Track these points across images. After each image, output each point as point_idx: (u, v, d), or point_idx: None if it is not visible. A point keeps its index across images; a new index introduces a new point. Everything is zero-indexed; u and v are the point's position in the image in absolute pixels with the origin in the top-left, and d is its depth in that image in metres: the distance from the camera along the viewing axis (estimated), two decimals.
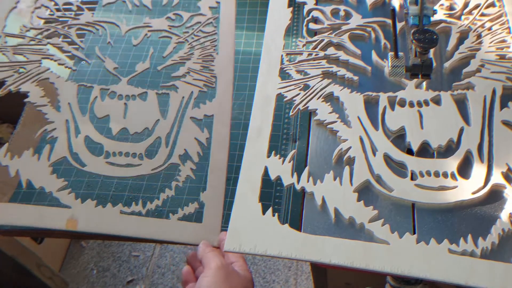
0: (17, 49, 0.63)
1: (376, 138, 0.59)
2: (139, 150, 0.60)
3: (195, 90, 0.65)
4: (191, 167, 0.60)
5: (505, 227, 0.50)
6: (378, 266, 0.49)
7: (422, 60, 0.56)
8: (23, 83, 0.61)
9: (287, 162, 0.58)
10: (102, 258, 1.34)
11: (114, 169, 0.58)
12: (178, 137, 0.61)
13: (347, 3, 0.75)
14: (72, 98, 0.62)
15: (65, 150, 0.58)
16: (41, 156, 0.57)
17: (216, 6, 0.73)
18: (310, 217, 0.55)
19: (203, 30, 0.71)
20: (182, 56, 0.68)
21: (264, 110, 0.63)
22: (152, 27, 0.71)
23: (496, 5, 0.70)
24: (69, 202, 0.54)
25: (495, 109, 0.59)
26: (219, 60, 0.67)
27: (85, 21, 0.70)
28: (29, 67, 0.62)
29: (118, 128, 0.61)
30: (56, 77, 0.63)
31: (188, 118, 0.62)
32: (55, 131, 0.59)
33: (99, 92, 0.63)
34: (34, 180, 0.55)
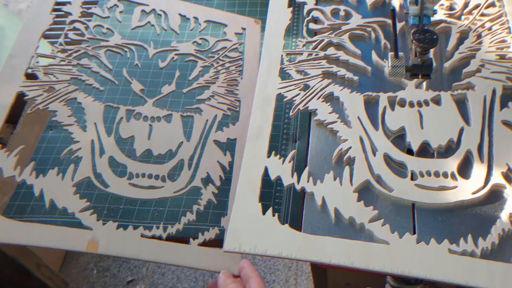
0: (47, 69, 0.64)
1: (376, 138, 0.59)
2: (162, 172, 0.60)
3: (219, 114, 0.66)
4: (213, 191, 0.60)
5: (505, 227, 0.50)
6: (378, 266, 0.49)
7: (422, 60, 0.56)
8: (51, 102, 0.62)
9: (287, 162, 0.58)
10: (102, 258, 1.34)
11: (136, 191, 0.58)
12: (201, 160, 0.61)
13: (347, 3, 0.75)
14: (98, 118, 0.63)
15: (89, 170, 0.59)
16: (65, 176, 0.57)
17: (242, 32, 0.75)
18: (310, 217, 0.55)
19: (228, 55, 0.72)
20: (207, 80, 0.69)
21: (264, 110, 0.63)
22: (179, 51, 0.73)
23: (496, 5, 0.70)
24: (91, 223, 0.55)
25: (495, 109, 0.59)
26: (243, 84, 0.68)
27: (114, 43, 0.71)
28: (58, 86, 0.63)
29: (143, 149, 0.62)
30: (83, 97, 0.64)
31: (211, 141, 0.63)
32: (80, 150, 0.60)
33: (125, 113, 0.64)
34: (57, 200, 0.55)
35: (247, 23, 0.76)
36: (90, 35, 0.71)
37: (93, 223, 0.55)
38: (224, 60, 0.71)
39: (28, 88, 0.63)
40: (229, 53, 0.73)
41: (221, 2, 0.94)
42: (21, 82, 0.62)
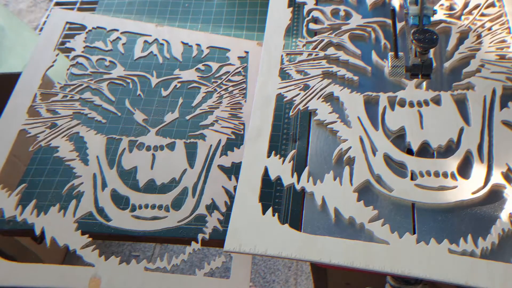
0: (50, 105, 0.64)
1: (376, 138, 0.59)
2: (165, 201, 0.60)
3: (223, 138, 0.65)
4: (218, 217, 0.59)
5: (505, 227, 0.50)
6: (378, 266, 0.49)
7: (422, 60, 0.56)
8: (54, 139, 0.62)
9: (287, 162, 0.58)
10: None
11: (139, 223, 0.58)
12: (205, 186, 0.61)
13: (347, 3, 0.75)
14: (100, 151, 0.62)
15: (91, 205, 0.58)
16: (67, 213, 0.57)
17: (245, 56, 0.74)
18: (310, 217, 0.55)
19: (231, 79, 0.71)
20: (211, 105, 0.68)
21: (264, 110, 0.63)
22: (182, 79, 0.72)
23: (496, 5, 0.70)
24: (92, 260, 0.54)
25: (495, 109, 0.59)
26: (247, 107, 0.67)
27: (117, 75, 0.71)
28: (60, 122, 0.63)
29: (145, 179, 0.61)
30: (86, 131, 0.64)
31: (215, 166, 0.62)
32: (82, 185, 0.59)
33: (127, 143, 0.64)
34: (58, 237, 0.55)
35: (250, 46, 0.76)
36: (93, 69, 0.70)
37: (95, 259, 0.54)
38: (227, 85, 0.71)
39: (30, 126, 0.63)
40: (232, 77, 0.72)
41: (221, 2, 0.94)
42: (24, 120, 0.62)
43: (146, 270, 0.54)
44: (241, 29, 0.89)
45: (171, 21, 0.93)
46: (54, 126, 0.64)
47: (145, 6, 0.97)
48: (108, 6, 0.98)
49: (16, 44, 1.19)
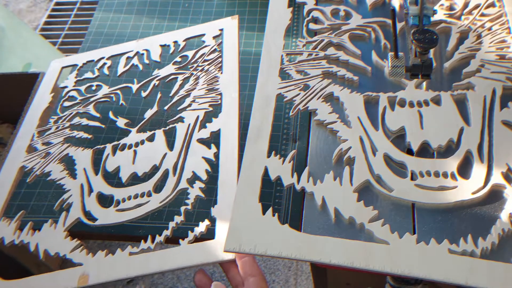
0: (44, 138, 0.70)
1: (376, 138, 0.59)
2: (147, 188, 0.60)
3: (201, 114, 0.66)
4: (200, 186, 0.59)
5: (505, 227, 0.50)
6: (378, 266, 0.49)
7: (422, 60, 0.56)
8: (47, 166, 0.66)
9: (287, 162, 0.58)
10: None
11: (123, 215, 0.58)
12: (185, 163, 0.61)
13: (347, 3, 0.75)
14: (87, 163, 0.65)
15: (79, 212, 0.60)
16: (58, 225, 0.59)
17: (219, 34, 0.75)
18: (310, 217, 0.55)
19: (207, 59, 0.72)
20: (188, 89, 0.69)
21: (264, 110, 0.63)
22: (160, 76, 0.74)
23: (496, 5, 0.70)
24: (81, 259, 0.55)
25: (495, 109, 0.59)
26: (223, 78, 0.68)
27: (102, 94, 0.75)
28: (53, 150, 0.68)
29: (128, 174, 0.62)
30: (74, 150, 0.67)
31: (194, 141, 0.63)
32: (71, 197, 0.62)
33: (111, 149, 0.66)
34: (50, 248, 0.57)
35: (224, 23, 0.76)
36: (82, 97, 0.75)
37: (83, 259, 0.55)
38: (203, 65, 0.72)
39: (28, 161, 0.68)
40: (208, 56, 0.73)
41: (221, 2, 0.94)
42: (23, 158, 0.68)
43: (131, 255, 0.54)
44: (241, 29, 0.89)
45: (171, 21, 0.93)
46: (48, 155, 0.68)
47: (145, 6, 0.97)
48: (108, 6, 0.98)
49: (16, 44, 1.19)
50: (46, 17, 1.06)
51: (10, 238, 0.60)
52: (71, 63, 0.81)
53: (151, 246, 0.55)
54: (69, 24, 1.35)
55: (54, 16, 1.01)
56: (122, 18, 0.95)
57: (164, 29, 0.92)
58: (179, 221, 0.57)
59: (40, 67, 1.15)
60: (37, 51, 1.24)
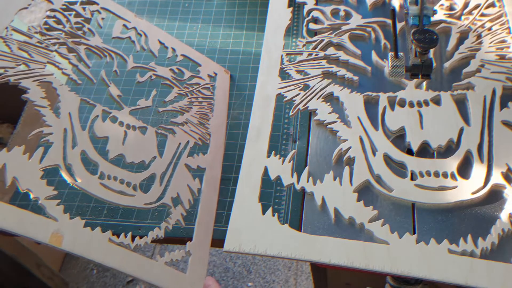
0: (23, 45, 0.59)
1: (376, 138, 0.59)
2: (134, 180, 0.60)
3: (191, 141, 0.68)
4: (182, 212, 0.61)
5: (505, 227, 0.50)
6: (378, 266, 0.49)
7: (422, 60, 0.56)
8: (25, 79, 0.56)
9: (287, 162, 0.58)
10: None
11: (108, 193, 0.56)
12: (171, 179, 0.63)
13: (347, 3, 0.75)
14: (73, 109, 0.59)
15: (59, 159, 0.54)
16: (33, 157, 0.52)
17: (214, 76, 0.79)
18: (310, 217, 0.55)
19: (201, 91, 0.75)
20: (182, 107, 0.71)
21: (264, 110, 0.63)
22: (157, 72, 0.74)
23: (496, 5, 0.70)
24: (56, 214, 0.50)
25: (495, 109, 0.59)
26: (214, 121, 0.72)
27: (95, 44, 0.69)
28: (33, 66, 0.58)
29: (116, 153, 0.61)
30: (59, 84, 0.60)
31: (182, 164, 0.65)
32: (52, 136, 0.55)
33: (101, 112, 0.62)
34: (21, 180, 0.50)
35: (219, 70, 0.81)
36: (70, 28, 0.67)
37: (59, 214, 0.50)
38: (197, 95, 0.75)
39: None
40: (202, 89, 0.76)
41: (221, 2, 0.94)
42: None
43: (110, 242, 0.53)
44: (241, 29, 0.89)
45: (171, 21, 0.93)
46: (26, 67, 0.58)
47: (145, 6, 0.97)
48: None
49: None
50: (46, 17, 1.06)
51: None
52: None
53: (131, 245, 0.55)
54: None
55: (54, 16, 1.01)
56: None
57: (163, 29, 0.92)
58: (159, 235, 0.59)
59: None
60: None
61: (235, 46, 0.86)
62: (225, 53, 0.86)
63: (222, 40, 0.88)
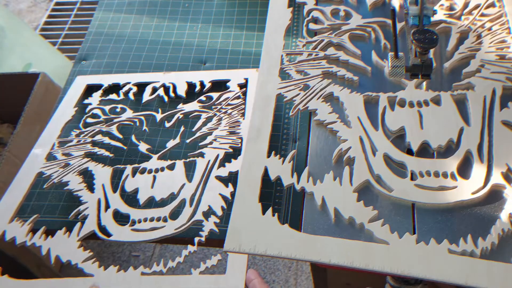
0: (64, 149, 0.72)
1: (376, 138, 0.59)
2: (163, 213, 0.63)
3: (221, 153, 0.68)
4: (215, 221, 0.61)
5: (505, 227, 0.50)
6: (378, 266, 0.49)
7: (422, 60, 0.56)
8: (65, 176, 0.69)
9: (287, 162, 0.58)
10: (102, 258, 1.34)
11: (138, 235, 0.60)
12: (202, 196, 0.64)
13: (347, 3, 0.75)
14: (106, 180, 0.67)
15: (94, 225, 0.62)
16: (71, 234, 0.61)
17: (244, 83, 0.79)
18: (310, 217, 0.55)
19: (231, 103, 0.75)
20: (210, 127, 0.73)
21: (264, 110, 0.63)
22: (184, 110, 0.77)
23: (496, 5, 0.70)
24: (92, 271, 0.57)
25: (495, 109, 0.59)
26: (245, 124, 0.71)
27: (126, 117, 0.77)
28: (73, 161, 0.71)
29: (145, 197, 0.64)
30: (94, 165, 0.70)
31: (213, 177, 0.65)
32: (87, 209, 0.64)
33: (131, 170, 0.68)
34: (62, 255, 0.59)
35: (249, 74, 0.80)
36: (105, 116, 0.78)
37: (94, 270, 0.57)
38: (226, 108, 0.75)
39: (46, 168, 0.70)
40: (232, 101, 0.76)
41: (221, 2, 0.94)
42: (41, 164, 0.70)
43: (143, 275, 0.56)
44: (241, 29, 0.89)
45: (171, 21, 0.93)
46: (67, 165, 0.71)
47: (145, 6, 0.97)
48: (108, 6, 0.98)
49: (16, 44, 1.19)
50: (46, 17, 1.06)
51: (22, 239, 0.62)
52: (97, 82, 0.83)
53: (163, 270, 0.57)
54: (69, 24, 1.35)
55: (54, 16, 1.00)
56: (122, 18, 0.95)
57: (164, 29, 0.92)
58: (192, 250, 0.60)
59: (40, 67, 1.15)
60: (37, 51, 1.24)
61: (235, 46, 0.86)
62: (225, 53, 0.86)
63: (222, 40, 0.88)
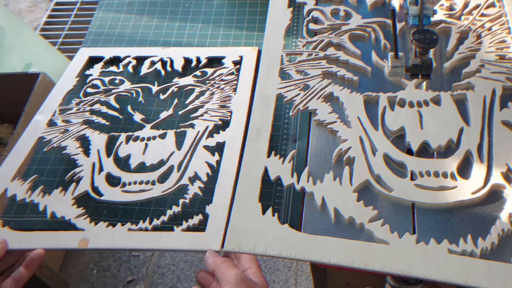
0: (64, 116, 0.77)
1: (376, 138, 0.59)
2: (152, 177, 0.66)
3: (211, 125, 0.71)
4: (200, 185, 0.64)
5: (505, 227, 0.50)
6: (378, 266, 0.49)
7: (422, 60, 0.56)
8: (64, 141, 0.73)
9: (287, 162, 0.58)
10: (102, 258, 1.34)
11: (128, 196, 0.65)
12: (190, 163, 0.67)
13: (347, 3, 0.75)
14: (101, 146, 0.72)
15: (88, 186, 0.67)
16: (67, 193, 0.66)
17: (239, 60, 0.81)
18: (310, 217, 0.55)
19: (224, 79, 0.78)
20: (203, 101, 0.76)
21: (264, 110, 0.63)
22: (179, 84, 0.80)
23: (496, 6, 0.70)
24: (84, 226, 0.62)
25: (495, 109, 0.59)
26: (236, 98, 0.74)
27: (124, 89, 0.81)
28: (71, 128, 0.75)
29: (137, 162, 0.68)
30: (91, 132, 0.74)
31: (201, 147, 0.69)
32: (82, 172, 0.69)
33: (125, 138, 0.72)
34: (57, 212, 0.64)
35: (244, 52, 0.83)
36: (104, 87, 0.82)
37: (86, 225, 0.62)
38: (219, 84, 0.78)
39: (47, 133, 0.74)
40: (226, 76, 0.79)
41: (221, 2, 0.94)
42: (42, 129, 0.75)
43: (129, 231, 0.60)
44: (241, 29, 0.89)
45: (171, 21, 0.93)
46: (66, 131, 0.75)
47: (145, 6, 0.97)
48: (108, 6, 0.98)
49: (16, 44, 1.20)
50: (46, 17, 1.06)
51: (22, 196, 0.66)
52: (99, 54, 0.88)
53: (148, 227, 0.60)
54: (69, 24, 1.35)
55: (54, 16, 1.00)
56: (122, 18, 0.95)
57: (164, 29, 0.92)
58: (176, 211, 0.62)
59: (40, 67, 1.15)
60: (37, 51, 1.24)
61: (235, 46, 0.86)
62: None
63: (222, 40, 0.88)
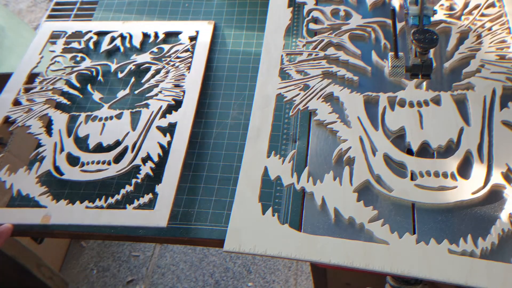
0: (29, 96, 0.80)
1: (376, 138, 0.59)
2: (108, 157, 0.70)
3: (164, 104, 0.74)
4: (151, 166, 0.67)
5: (505, 227, 0.50)
6: (378, 266, 0.49)
7: (422, 60, 0.56)
8: (28, 120, 0.77)
9: (287, 162, 0.58)
10: (102, 258, 1.34)
11: (85, 175, 0.69)
12: (143, 144, 0.70)
13: (347, 3, 0.75)
14: (62, 126, 0.75)
15: (50, 165, 0.70)
16: (31, 172, 0.70)
17: (195, 35, 0.84)
18: (310, 217, 0.55)
19: (179, 56, 0.81)
20: (158, 80, 0.79)
21: (264, 110, 0.63)
22: (137, 61, 0.83)
23: (496, 5, 0.70)
24: (46, 203, 0.66)
25: (495, 109, 0.59)
26: (189, 77, 0.77)
27: (85, 67, 0.84)
28: (35, 107, 0.78)
29: (94, 143, 0.71)
30: (53, 112, 0.77)
31: (154, 127, 0.72)
32: (45, 151, 0.72)
33: (84, 118, 0.75)
34: (22, 189, 0.68)
35: (201, 26, 0.86)
36: (67, 65, 0.85)
37: (48, 203, 0.66)
38: (174, 61, 0.80)
39: (12, 112, 0.78)
40: (181, 54, 0.82)
41: (221, 2, 0.94)
42: (8, 109, 0.78)
43: (87, 208, 0.64)
44: (241, 29, 0.89)
45: (171, 21, 0.93)
46: (30, 111, 0.78)
47: (145, 6, 0.97)
48: (108, 6, 0.98)
49: (16, 44, 1.19)
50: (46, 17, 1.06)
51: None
52: (62, 29, 0.91)
53: (104, 205, 0.65)
54: None
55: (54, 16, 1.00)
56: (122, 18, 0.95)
57: None
58: (129, 190, 0.67)
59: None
60: None
61: (235, 46, 0.86)
62: (225, 53, 0.86)
63: (222, 40, 0.88)
